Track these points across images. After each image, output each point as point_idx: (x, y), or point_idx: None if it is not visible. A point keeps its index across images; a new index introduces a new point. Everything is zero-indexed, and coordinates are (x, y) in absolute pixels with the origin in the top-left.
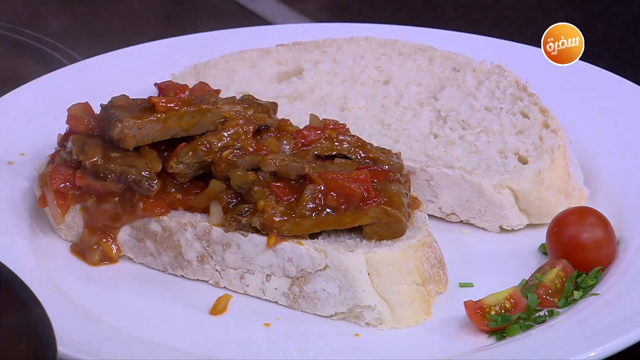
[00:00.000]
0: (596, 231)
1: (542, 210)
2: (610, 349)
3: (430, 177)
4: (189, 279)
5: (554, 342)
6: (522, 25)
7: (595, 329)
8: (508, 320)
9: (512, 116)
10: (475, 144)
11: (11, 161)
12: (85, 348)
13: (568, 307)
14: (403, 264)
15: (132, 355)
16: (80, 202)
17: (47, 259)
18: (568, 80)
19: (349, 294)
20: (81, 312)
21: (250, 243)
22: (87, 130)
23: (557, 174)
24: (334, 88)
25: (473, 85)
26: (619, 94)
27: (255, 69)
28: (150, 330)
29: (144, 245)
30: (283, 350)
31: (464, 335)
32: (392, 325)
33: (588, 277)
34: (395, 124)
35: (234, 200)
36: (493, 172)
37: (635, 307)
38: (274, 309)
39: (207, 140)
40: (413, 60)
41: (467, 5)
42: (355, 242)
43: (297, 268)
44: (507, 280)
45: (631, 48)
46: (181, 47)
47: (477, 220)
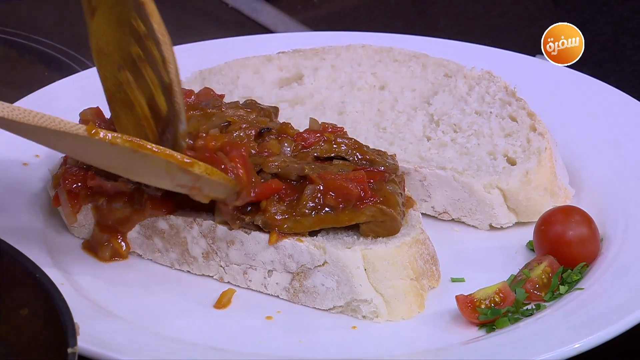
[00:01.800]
0: (581, 229)
1: (529, 209)
2: (594, 340)
3: (424, 178)
4: (195, 274)
5: (541, 334)
6: (511, 33)
7: (580, 322)
8: (497, 313)
9: (501, 120)
10: (466, 146)
11: (26, 162)
12: (97, 340)
13: (554, 301)
14: (398, 260)
15: (141, 346)
16: (92, 201)
17: (60, 255)
18: (554, 85)
19: (346, 289)
20: (93, 305)
21: (253, 240)
22: None
23: (543, 174)
24: (333, 93)
25: (464, 91)
26: (602, 99)
27: (258, 75)
28: (158, 322)
29: (152, 242)
30: (284, 341)
31: (456, 328)
32: (387, 318)
33: (573, 273)
34: (390, 127)
35: None
36: (483, 172)
37: (617, 301)
38: (276, 303)
39: None
40: (407, 66)
41: (458, 15)
42: (352, 239)
43: (298, 264)
44: (497, 276)
45: (614, 56)
46: (187, 54)
47: (468, 218)
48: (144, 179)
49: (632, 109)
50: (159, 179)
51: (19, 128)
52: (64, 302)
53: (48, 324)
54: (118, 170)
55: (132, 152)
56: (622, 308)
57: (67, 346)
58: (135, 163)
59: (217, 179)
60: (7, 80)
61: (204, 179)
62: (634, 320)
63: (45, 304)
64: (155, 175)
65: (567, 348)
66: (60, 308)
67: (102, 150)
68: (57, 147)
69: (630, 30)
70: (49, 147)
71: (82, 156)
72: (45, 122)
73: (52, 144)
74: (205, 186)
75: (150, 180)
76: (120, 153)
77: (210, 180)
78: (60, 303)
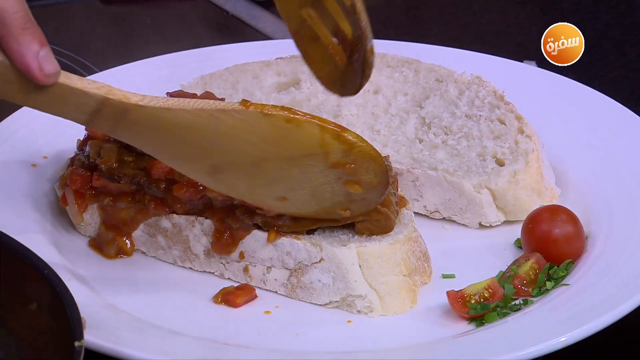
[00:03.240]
0: (566, 227)
1: (517, 208)
2: (580, 334)
3: (416, 178)
4: (197, 270)
5: (529, 327)
6: (500, 40)
7: (566, 316)
8: (487, 308)
9: (490, 123)
10: (457, 148)
11: (35, 164)
12: (104, 334)
13: (541, 296)
14: (391, 257)
15: (146, 339)
16: (97, 201)
17: (68, 252)
18: (541, 90)
19: (342, 285)
20: (99, 300)
21: (253, 238)
22: (103, 136)
23: (531, 175)
24: (329, 97)
25: (455, 95)
26: (587, 103)
27: (257, 80)
28: (161, 317)
29: (155, 240)
30: (282, 335)
31: (447, 322)
32: (381, 313)
33: (559, 269)
34: (384, 130)
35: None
36: (473, 173)
37: (602, 296)
38: (274, 298)
39: None
40: (400, 72)
41: (449, 22)
42: (348, 237)
43: (295, 261)
44: (486, 272)
45: (598, 61)
46: (190, 60)
47: (459, 217)
48: (292, 167)
49: (615, 112)
50: (312, 159)
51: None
52: (71, 297)
53: (56, 319)
54: (265, 159)
55: (285, 122)
56: (606, 303)
57: (74, 340)
58: (285, 142)
59: (368, 149)
60: None
61: (357, 148)
62: (617, 315)
63: (53, 299)
64: (307, 154)
65: (554, 341)
66: (68, 303)
67: (250, 129)
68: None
69: (612, 38)
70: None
71: (209, 152)
72: (202, 105)
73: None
74: (357, 164)
75: (302, 166)
76: (271, 128)
77: (362, 151)
78: (67, 298)
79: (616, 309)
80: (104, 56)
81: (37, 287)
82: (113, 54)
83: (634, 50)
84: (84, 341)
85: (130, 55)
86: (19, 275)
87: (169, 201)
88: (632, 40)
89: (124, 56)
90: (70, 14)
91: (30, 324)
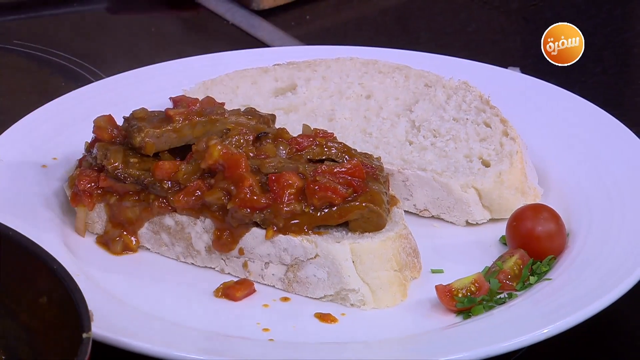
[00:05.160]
0: (549, 225)
1: (502, 207)
2: (561, 326)
3: (406, 178)
4: (198, 266)
5: (513, 320)
6: (485, 47)
7: (548, 309)
8: (473, 301)
9: (476, 126)
10: (445, 150)
11: (45, 165)
12: (110, 326)
13: (525, 290)
14: (383, 253)
15: (150, 332)
16: (104, 200)
17: (75, 248)
18: (525, 94)
19: (336, 279)
20: (106, 294)
21: (252, 235)
22: (110, 139)
23: (515, 175)
24: (323, 102)
25: (443, 99)
26: (568, 107)
27: (256, 85)
28: (165, 310)
29: (159, 237)
30: (279, 327)
31: (435, 315)
32: (373, 306)
33: (542, 265)
34: (376, 132)
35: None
36: (460, 174)
37: (582, 291)
38: (272, 292)
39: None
40: (391, 77)
41: (437, 31)
42: (341, 234)
43: (292, 257)
44: (472, 267)
45: (580, 67)
46: (192, 66)
47: (447, 215)
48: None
49: (595, 115)
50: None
51: None
52: (79, 291)
53: (65, 311)
54: None
55: None
56: (587, 297)
57: (82, 331)
58: None
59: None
60: (28, 89)
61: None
62: (597, 308)
63: (62, 293)
64: None
65: (537, 333)
66: (76, 296)
67: None
68: None
69: (593, 45)
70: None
71: None
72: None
73: None
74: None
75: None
76: None
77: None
78: (75, 292)
79: (595, 303)
80: (111, 63)
81: (48, 281)
82: (120, 60)
83: (612, 57)
84: (91, 333)
85: (136, 61)
86: (31, 270)
87: (171, 200)
88: (611, 48)
89: (130, 63)
90: (80, 22)
91: (41, 316)
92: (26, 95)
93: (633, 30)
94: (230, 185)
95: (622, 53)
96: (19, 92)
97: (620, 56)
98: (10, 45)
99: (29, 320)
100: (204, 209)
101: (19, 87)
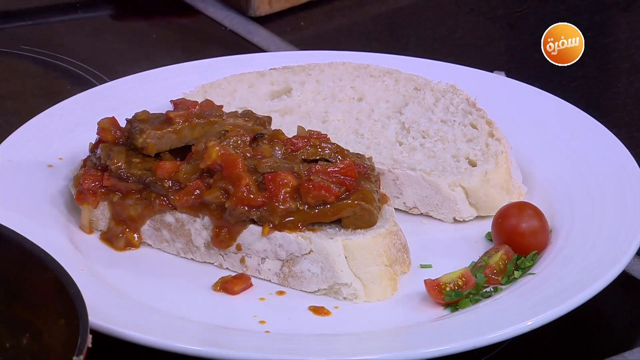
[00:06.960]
0: (533, 221)
1: (488, 205)
2: (544, 318)
3: (396, 177)
4: (198, 261)
5: (499, 313)
6: (471, 52)
7: (532, 302)
8: (460, 295)
9: (463, 127)
10: (433, 150)
11: (51, 164)
12: (114, 319)
13: (510, 284)
14: (374, 249)
15: (151, 324)
16: (108, 198)
17: (80, 245)
18: (509, 97)
19: (329, 274)
20: (109, 288)
21: (249, 232)
22: (113, 140)
23: (500, 174)
24: (317, 104)
25: (431, 102)
26: (551, 109)
27: (252, 89)
28: (166, 303)
29: (160, 234)
30: (275, 319)
31: (424, 308)
32: (365, 299)
33: (526, 260)
34: (367, 133)
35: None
36: (448, 173)
37: (564, 285)
38: (268, 286)
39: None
40: (382, 81)
41: (426, 37)
42: (334, 231)
43: (287, 252)
44: (460, 262)
45: (561, 71)
46: (191, 70)
47: (435, 212)
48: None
49: (576, 117)
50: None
51: None
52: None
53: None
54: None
55: None
56: (569, 291)
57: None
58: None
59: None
60: (35, 92)
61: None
62: (578, 301)
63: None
64: None
65: (521, 325)
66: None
67: None
68: None
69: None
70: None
71: None
72: None
73: None
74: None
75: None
76: None
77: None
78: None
79: (577, 296)
80: (113, 67)
81: (66, 304)
82: (122, 65)
83: (593, 62)
84: (82, 357)
85: (137, 66)
86: (53, 291)
87: (172, 199)
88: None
89: (132, 67)
90: (84, 28)
91: (59, 338)
92: (33, 98)
93: (612, 36)
94: (228, 184)
95: (602, 58)
96: (27, 95)
97: (600, 61)
98: (18, 51)
99: (51, 343)
100: (203, 207)
101: (26, 91)
